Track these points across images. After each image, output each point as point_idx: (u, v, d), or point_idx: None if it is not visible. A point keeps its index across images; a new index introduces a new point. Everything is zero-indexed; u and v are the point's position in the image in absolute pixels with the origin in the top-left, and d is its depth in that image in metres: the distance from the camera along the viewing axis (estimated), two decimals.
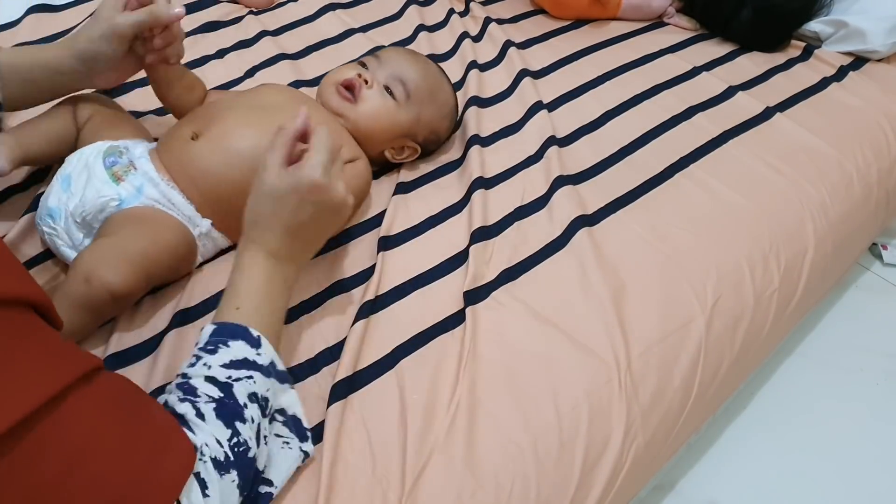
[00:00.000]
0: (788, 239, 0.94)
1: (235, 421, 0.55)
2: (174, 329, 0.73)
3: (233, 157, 0.78)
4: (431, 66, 0.94)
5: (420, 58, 0.94)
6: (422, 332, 0.76)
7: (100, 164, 0.76)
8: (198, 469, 0.50)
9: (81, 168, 0.76)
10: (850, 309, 1.28)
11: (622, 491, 0.74)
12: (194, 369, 0.57)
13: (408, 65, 0.90)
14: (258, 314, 0.62)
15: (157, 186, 0.76)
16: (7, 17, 1.17)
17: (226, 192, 0.77)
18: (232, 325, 0.60)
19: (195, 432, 0.53)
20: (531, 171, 0.96)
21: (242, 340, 0.59)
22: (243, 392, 0.56)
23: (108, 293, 0.66)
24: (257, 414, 0.57)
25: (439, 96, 0.93)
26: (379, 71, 0.89)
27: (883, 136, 1.11)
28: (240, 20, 1.21)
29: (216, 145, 0.78)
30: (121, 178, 0.75)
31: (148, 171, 0.77)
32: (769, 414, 1.12)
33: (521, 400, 0.72)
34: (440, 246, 0.86)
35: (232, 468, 0.53)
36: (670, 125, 1.06)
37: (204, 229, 0.78)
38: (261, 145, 0.77)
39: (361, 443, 0.66)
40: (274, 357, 0.61)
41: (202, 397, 0.55)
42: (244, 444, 0.55)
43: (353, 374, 0.71)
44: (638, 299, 0.82)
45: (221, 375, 0.56)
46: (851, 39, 1.24)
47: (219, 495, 0.51)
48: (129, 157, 0.78)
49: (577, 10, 1.28)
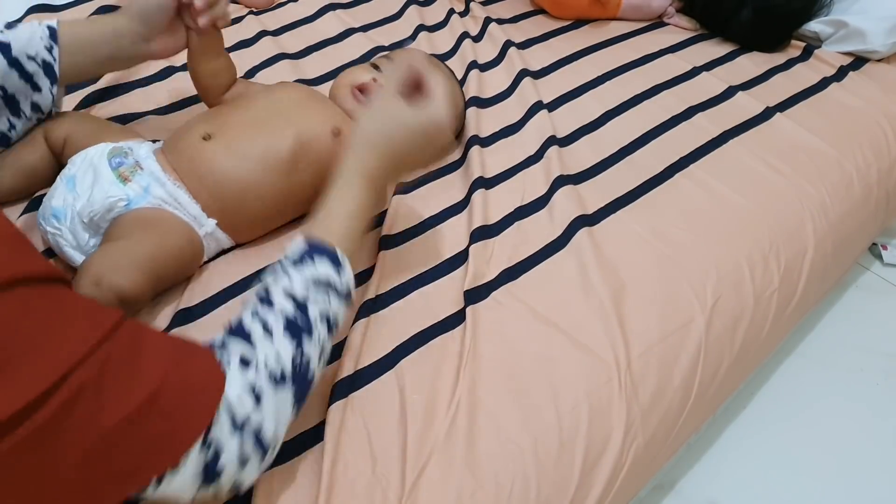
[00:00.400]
0: (788, 239, 0.94)
1: (304, 338, 0.57)
2: (176, 327, 0.73)
3: (245, 160, 0.78)
4: (443, 68, 0.95)
5: (433, 60, 0.95)
6: (422, 331, 0.76)
7: (105, 164, 0.76)
8: (253, 381, 0.53)
9: (86, 168, 0.76)
10: (850, 309, 1.28)
11: (622, 491, 0.74)
12: (278, 280, 0.59)
13: (422, 66, 0.90)
14: (346, 239, 0.64)
15: (163, 186, 0.76)
16: (7, 17, 1.17)
17: (235, 193, 0.77)
18: (322, 244, 0.62)
19: (256, 347, 0.55)
20: (531, 171, 0.96)
21: (329, 261, 0.61)
22: (317, 311, 0.58)
23: (117, 297, 0.66)
24: (325, 334, 0.59)
25: (453, 97, 0.94)
26: (393, 73, 0.89)
27: (883, 136, 1.11)
28: (240, 20, 1.21)
29: (229, 147, 0.78)
30: (128, 178, 0.76)
31: (154, 170, 0.77)
32: (769, 414, 1.12)
33: (521, 400, 0.72)
34: (440, 246, 0.86)
35: (291, 383, 0.56)
36: (670, 125, 1.06)
37: (209, 229, 0.78)
38: (274, 148, 0.79)
39: (362, 442, 0.66)
40: (351, 282, 0.63)
41: (277, 313, 0.57)
42: (306, 362, 0.57)
43: (353, 374, 0.71)
44: (638, 299, 0.82)
45: (301, 292, 0.58)
46: (851, 39, 1.24)
47: (273, 406, 0.54)
48: (134, 157, 0.78)
49: (577, 10, 1.28)
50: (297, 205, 0.83)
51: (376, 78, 0.88)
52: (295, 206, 0.83)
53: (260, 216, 0.82)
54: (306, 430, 0.67)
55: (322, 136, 0.82)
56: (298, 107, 0.85)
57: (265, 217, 0.83)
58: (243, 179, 0.78)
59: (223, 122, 0.81)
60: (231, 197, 0.78)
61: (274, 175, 0.79)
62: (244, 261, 0.82)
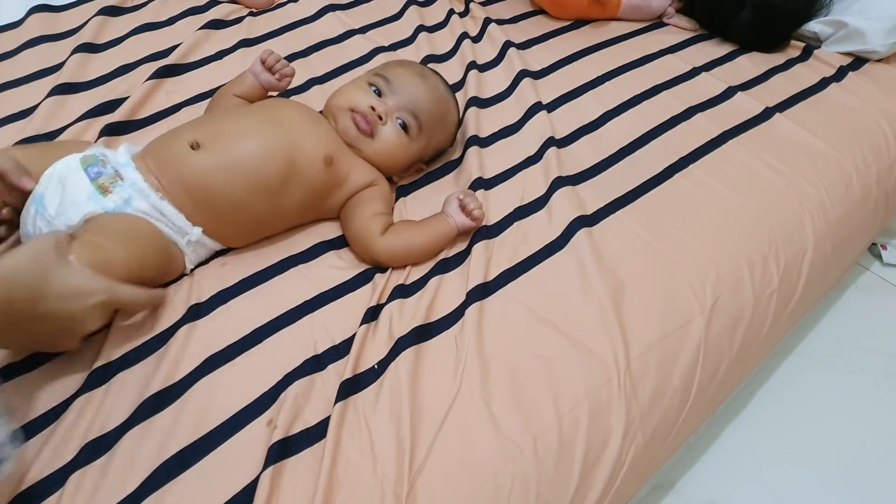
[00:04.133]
0: (788, 239, 0.94)
1: None
2: (186, 323, 0.74)
3: (236, 172, 0.77)
4: (440, 88, 0.92)
5: (429, 80, 0.91)
6: (423, 331, 0.76)
7: (81, 175, 0.73)
8: None
9: (55, 185, 0.73)
10: (850, 309, 1.28)
11: (622, 490, 0.74)
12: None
13: (419, 92, 0.88)
14: None
15: (147, 198, 0.74)
16: (9, 18, 1.18)
17: (223, 203, 0.77)
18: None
19: None
20: (530, 172, 0.96)
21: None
22: None
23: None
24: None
25: (447, 119, 0.93)
26: (391, 100, 0.87)
27: (882, 136, 1.11)
28: (240, 21, 1.22)
29: (220, 158, 0.77)
30: (108, 189, 0.73)
31: (136, 180, 0.75)
32: (769, 414, 1.12)
33: (520, 400, 0.72)
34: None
35: None
36: (670, 125, 1.06)
37: (194, 237, 0.77)
38: (265, 167, 0.77)
39: (362, 442, 0.66)
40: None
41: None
42: None
43: (356, 375, 0.71)
44: (637, 299, 0.82)
45: None
46: (851, 40, 1.24)
47: None
48: (112, 165, 0.76)
49: (577, 10, 1.28)
50: (287, 219, 0.83)
51: (375, 107, 0.86)
52: (284, 220, 0.83)
53: (248, 228, 0.81)
54: (307, 428, 0.67)
55: (314, 162, 0.81)
56: (295, 127, 0.83)
57: (253, 229, 0.82)
58: (232, 195, 0.77)
59: (215, 132, 0.79)
60: (218, 210, 0.77)
61: (263, 193, 0.78)
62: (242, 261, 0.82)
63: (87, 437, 0.65)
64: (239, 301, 0.77)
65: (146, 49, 1.13)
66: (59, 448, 0.65)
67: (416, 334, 0.75)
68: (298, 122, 0.84)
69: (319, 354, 0.73)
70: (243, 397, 0.69)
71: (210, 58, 1.12)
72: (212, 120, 0.84)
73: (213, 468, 0.64)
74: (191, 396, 0.68)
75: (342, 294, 0.80)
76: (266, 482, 0.62)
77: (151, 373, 0.70)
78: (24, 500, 0.61)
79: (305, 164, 0.81)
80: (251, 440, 0.66)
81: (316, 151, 0.82)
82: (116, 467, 0.63)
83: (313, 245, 0.84)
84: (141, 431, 0.65)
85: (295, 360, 0.72)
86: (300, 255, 0.83)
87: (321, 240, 0.85)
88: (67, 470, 0.63)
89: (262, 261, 0.81)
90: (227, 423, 0.67)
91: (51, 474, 0.63)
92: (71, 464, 0.63)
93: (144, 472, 0.63)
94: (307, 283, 0.80)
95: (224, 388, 0.70)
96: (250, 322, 0.75)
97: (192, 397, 0.68)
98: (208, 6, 1.24)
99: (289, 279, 0.80)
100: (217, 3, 1.25)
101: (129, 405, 0.67)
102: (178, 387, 0.69)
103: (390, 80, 0.88)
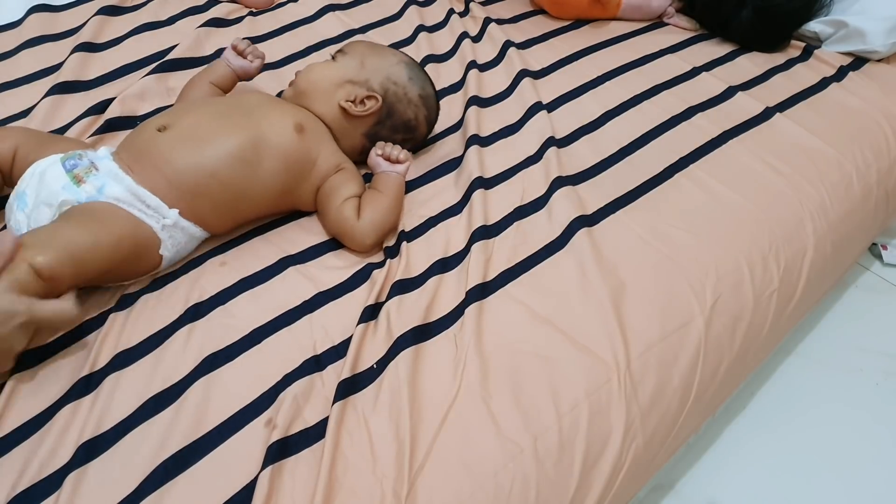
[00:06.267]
0: (788, 239, 0.94)
1: None
2: (186, 323, 0.73)
3: (203, 146, 0.79)
4: (403, 63, 0.94)
5: (387, 51, 0.96)
6: (422, 331, 0.76)
7: (58, 168, 0.75)
8: None
9: (37, 182, 0.75)
10: (850, 309, 1.28)
11: (621, 491, 0.74)
12: None
13: (363, 47, 0.94)
14: None
15: (121, 182, 0.76)
16: (8, 18, 1.18)
17: (194, 179, 0.78)
18: None
19: None
20: (531, 172, 0.96)
21: None
22: None
23: (34, 272, 0.65)
24: None
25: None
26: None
27: (882, 136, 1.11)
28: (240, 20, 1.22)
29: (187, 133, 0.80)
30: (82, 179, 0.75)
31: (111, 168, 0.77)
32: (769, 414, 1.12)
33: (520, 399, 0.72)
34: (440, 246, 0.86)
35: None
36: (670, 125, 1.06)
37: (170, 221, 0.77)
38: (233, 136, 0.80)
39: (362, 442, 0.66)
40: None
41: None
42: None
43: (354, 374, 0.71)
44: (637, 299, 0.82)
45: None
46: (851, 39, 1.24)
47: None
48: (89, 158, 0.78)
49: (577, 10, 1.28)
50: (264, 196, 0.83)
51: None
52: (262, 197, 0.83)
53: (225, 205, 0.81)
54: (306, 428, 0.67)
55: (284, 130, 0.84)
56: (262, 103, 0.87)
57: (231, 206, 0.82)
58: (201, 165, 0.78)
59: (181, 116, 0.82)
60: (190, 183, 0.78)
61: (235, 162, 0.79)
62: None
63: (81, 439, 0.64)
64: (238, 301, 0.77)
65: (146, 49, 1.13)
66: (55, 449, 0.64)
67: (415, 334, 0.75)
68: (266, 100, 0.90)
69: (319, 355, 0.73)
70: (242, 397, 0.69)
71: (210, 57, 1.12)
72: (178, 108, 0.87)
73: (212, 468, 0.64)
74: (190, 396, 0.68)
75: (341, 294, 0.79)
76: (265, 482, 0.61)
77: (151, 373, 0.70)
78: (21, 502, 0.61)
79: (275, 133, 0.83)
80: (250, 440, 0.66)
81: (283, 119, 0.85)
82: (115, 467, 0.63)
83: (312, 245, 0.84)
84: (140, 431, 0.65)
85: (294, 361, 0.72)
86: (299, 255, 0.83)
87: (320, 240, 0.85)
88: (64, 471, 0.62)
89: (261, 261, 0.81)
90: (227, 423, 0.67)
91: (48, 476, 0.62)
92: (67, 465, 0.63)
93: (143, 472, 0.62)
94: (306, 283, 0.80)
95: (223, 388, 0.69)
96: (249, 322, 0.75)
97: (191, 397, 0.68)
98: (208, 6, 1.24)
99: (288, 279, 0.80)
100: (217, 3, 1.25)
101: (128, 406, 0.67)
102: (178, 387, 0.69)
103: (346, 52, 0.94)
